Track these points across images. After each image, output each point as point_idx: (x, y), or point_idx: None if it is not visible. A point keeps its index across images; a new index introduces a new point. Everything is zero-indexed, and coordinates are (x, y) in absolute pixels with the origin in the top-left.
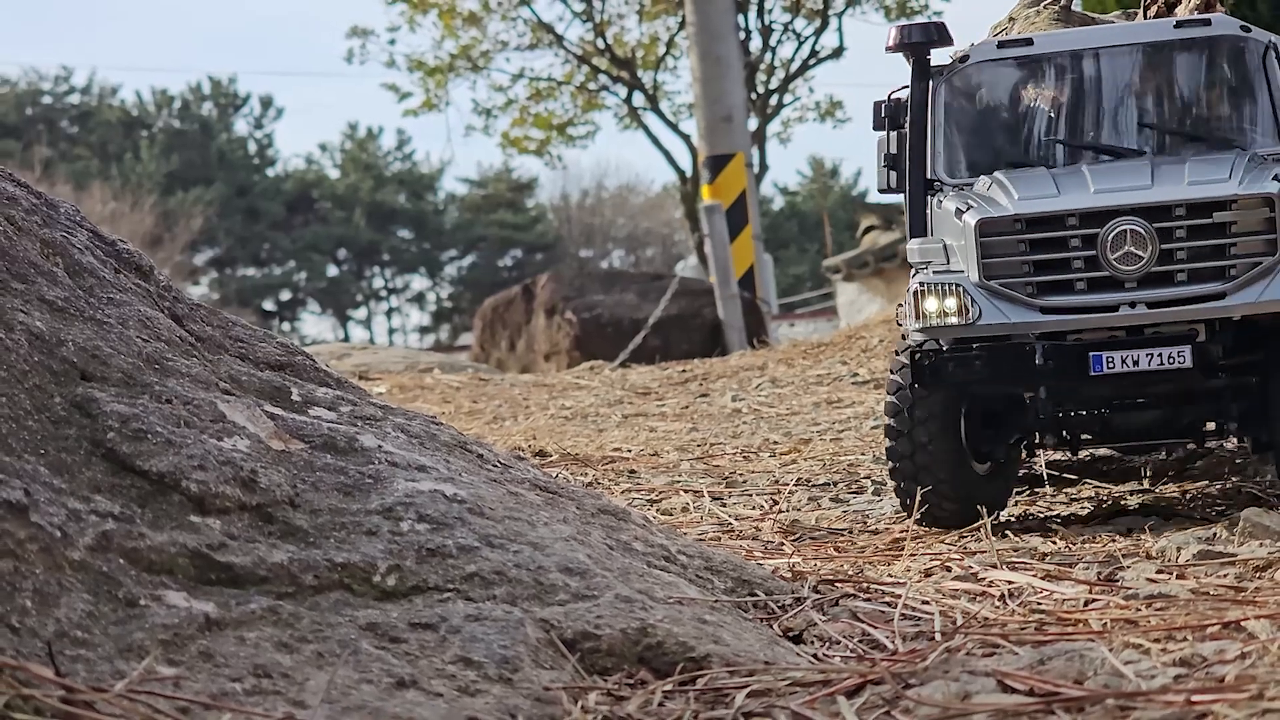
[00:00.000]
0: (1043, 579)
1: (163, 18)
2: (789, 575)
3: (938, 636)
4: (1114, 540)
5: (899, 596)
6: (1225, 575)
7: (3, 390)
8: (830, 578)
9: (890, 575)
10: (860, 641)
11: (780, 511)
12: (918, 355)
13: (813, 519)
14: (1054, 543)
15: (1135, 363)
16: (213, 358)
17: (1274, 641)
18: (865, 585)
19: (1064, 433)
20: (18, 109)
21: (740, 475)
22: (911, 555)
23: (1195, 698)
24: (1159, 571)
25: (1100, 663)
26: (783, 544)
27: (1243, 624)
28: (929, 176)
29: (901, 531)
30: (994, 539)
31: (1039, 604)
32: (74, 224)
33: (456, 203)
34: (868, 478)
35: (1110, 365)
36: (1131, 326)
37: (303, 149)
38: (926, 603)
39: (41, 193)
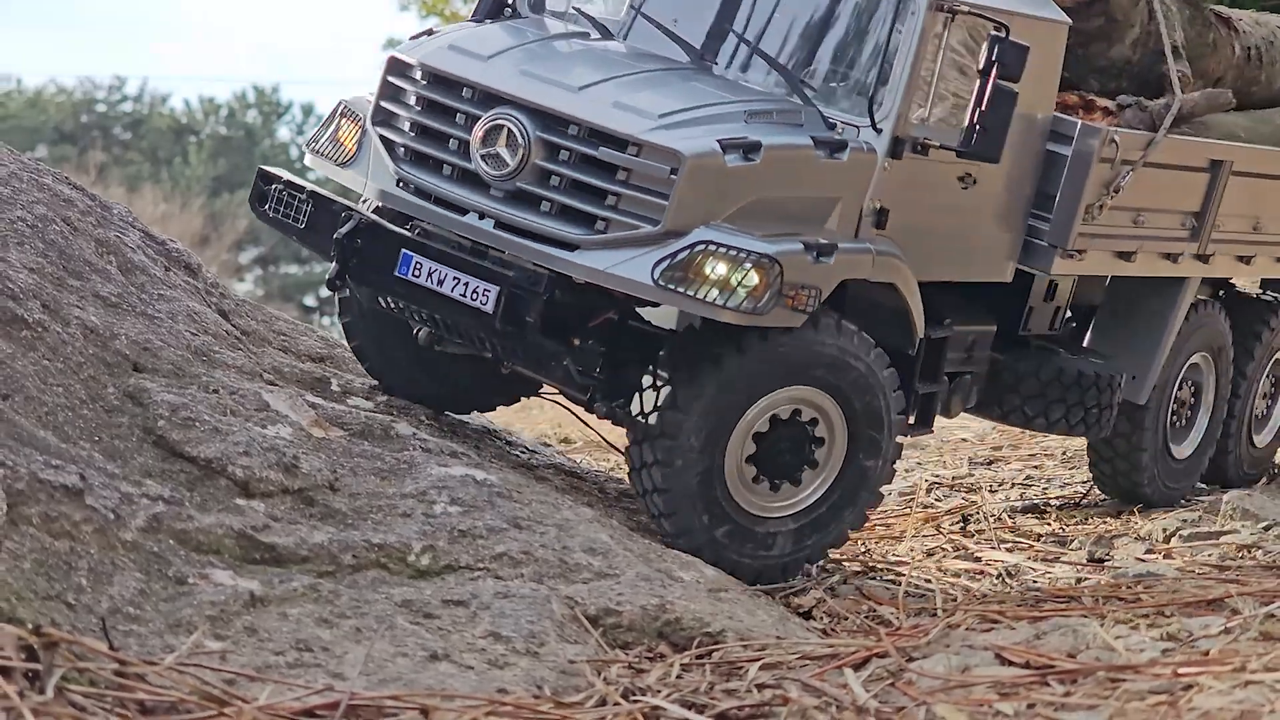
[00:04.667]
0: (1038, 559)
1: (211, 33)
2: None
3: (939, 613)
4: (1104, 522)
5: (903, 575)
6: (1210, 555)
7: (59, 381)
8: (838, 557)
9: (894, 555)
10: (866, 617)
11: None
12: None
13: None
14: (1048, 524)
15: (440, 282)
16: (257, 350)
17: (1256, 617)
18: (871, 564)
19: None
20: (74, 116)
21: None
22: (914, 535)
23: (1182, 670)
24: (1147, 552)
25: (1092, 637)
26: None
27: (1226, 600)
28: None
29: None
30: (991, 522)
31: (1034, 582)
32: (126, 224)
33: None
34: None
35: (416, 273)
36: (474, 243)
37: None
38: (928, 581)
39: (96, 195)
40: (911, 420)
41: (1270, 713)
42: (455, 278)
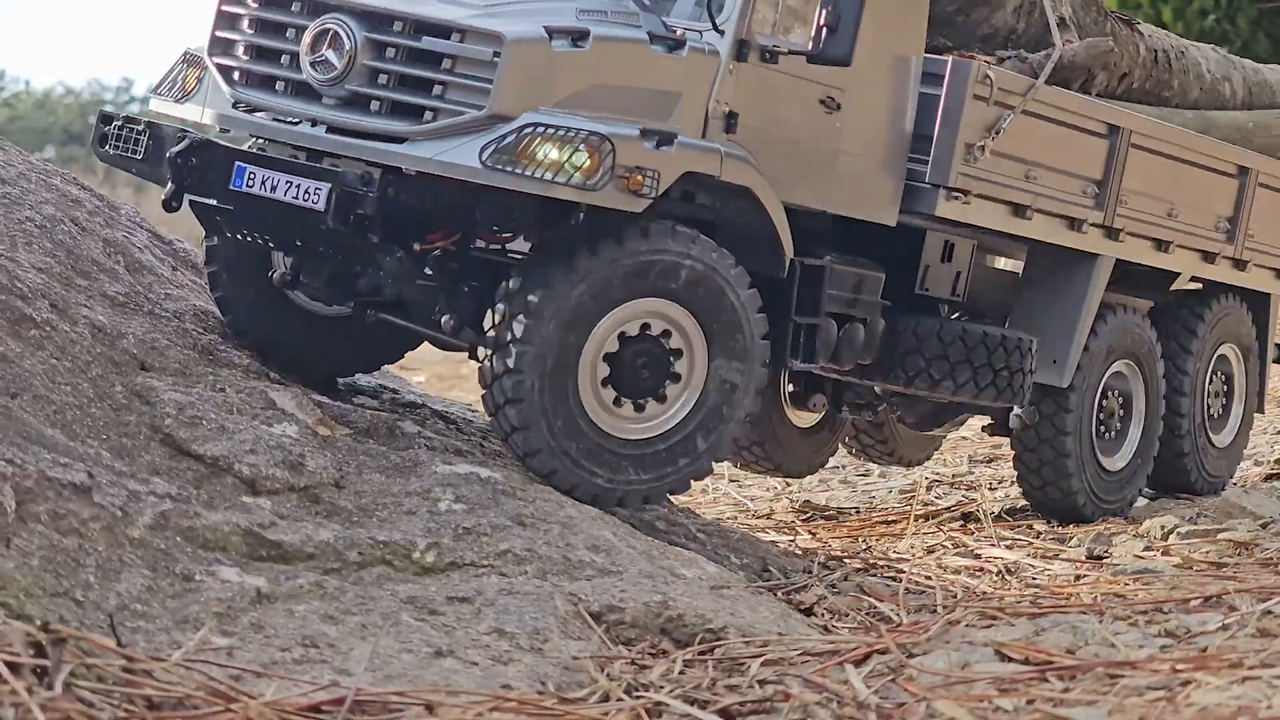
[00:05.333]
0: (1037, 557)
1: None
2: (800, 553)
3: (939, 610)
4: (1103, 520)
5: (903, 572)
6: (1208, 552)
7: (67, 380)
8: (839, 554)
9: (895, 553)
10: (867, 614)
11: (792, 493)
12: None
13: (823, 500)
14: (1047, 522)
15: (273, 188)
16: None
17: (1254, 614)
18: (871, 562)
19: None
20: (82, 117)
21: None
22: (915, 533)
23: (1180, 666)
24: (1146, 549)
25: (1091, 634)
26: (795, 523)
27: (1224, 597)
28: None
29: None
30: (991, 519)
31: (1034, 579)
32: (134, 224)
33: None
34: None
35: (250, 183)
36: (309, 151)
37: None
38: (929, 578)
39: (104, 196)
40: (793, 355)
41: (1267, 708)
42: (288, 182)
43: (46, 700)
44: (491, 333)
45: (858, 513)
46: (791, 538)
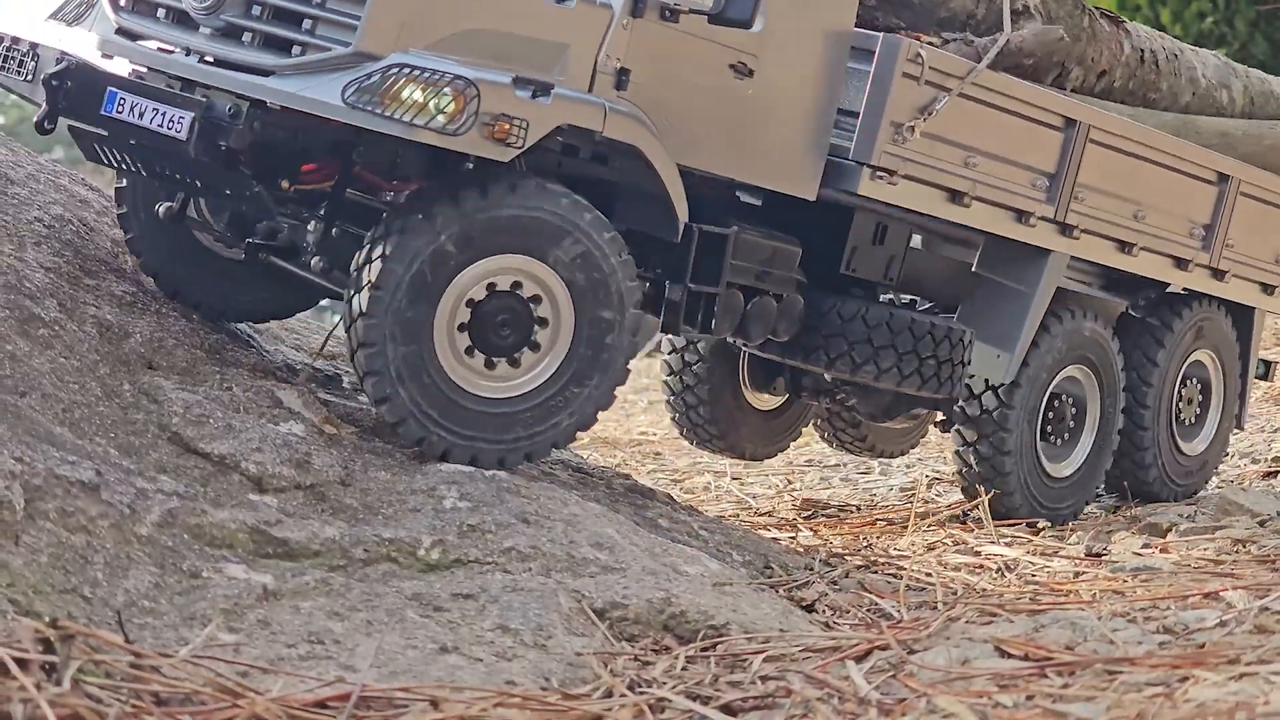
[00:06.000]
0: (1036, 554)
1: None
2: (802, 550)
3: (940, 606)
4: (1102, 518)
5: (904, 569)
6: (1205, 549)
7: (75, 378)
8: (840, 552)
9: (895, 550)
10: (868, 611)
11: (794, 490)
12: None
13: (825, 497)
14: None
15: (141, 114)
16: (270, 348)
17: (1251, 611)
18: (872, 559)
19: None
20: None
21: None
22: (915, 531)
23: (1178, 663)
24: (1144, 546)
25: (1090, 630)
26: (797, 520)
27: (1221, 594)
28: None
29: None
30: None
31: (1033, 576)
32: None
33: None
34: (875, 459)
35: (120, 108)
36: (183, 80)
37: None
38: (929, 575)
39: (112, 196)
40: (688, 323)
41: (1265, 704)
42: (155, 109)
43: (55, 696)
44: (355, 272)
45: (859, 510)
46: (793, 535)
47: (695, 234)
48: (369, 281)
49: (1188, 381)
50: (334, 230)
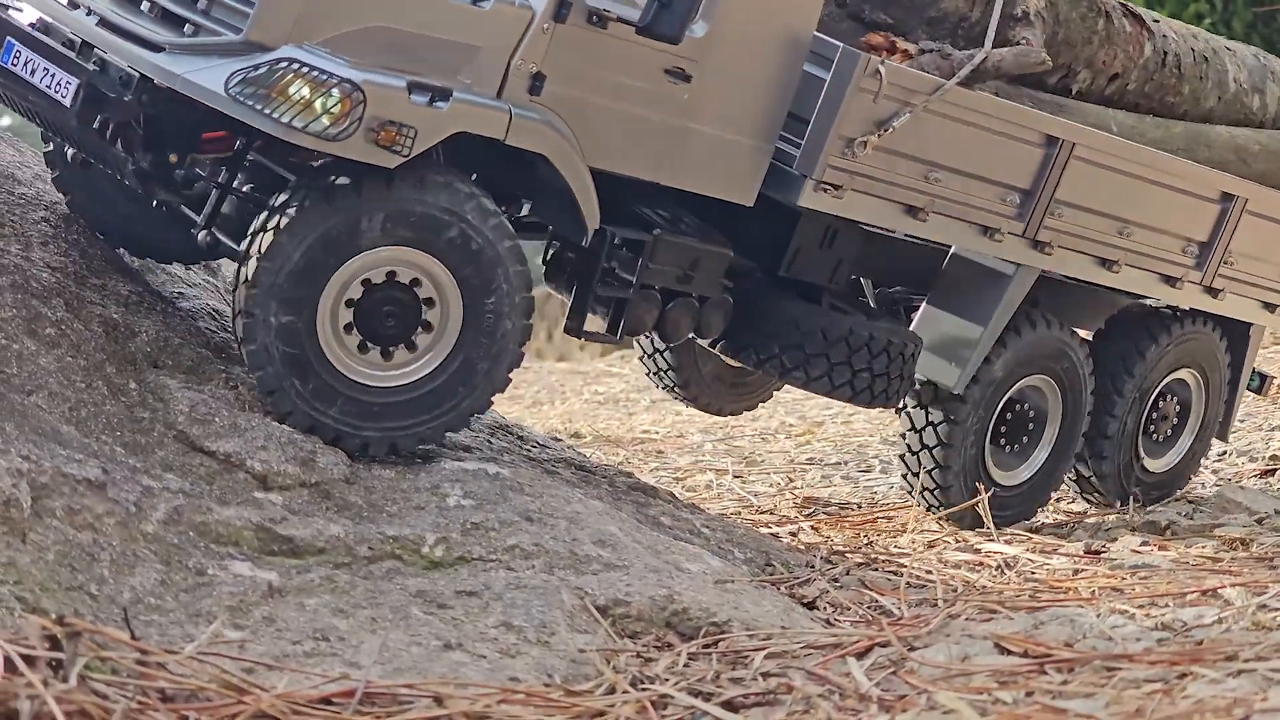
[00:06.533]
0: (1036, 551)
1: None
2: (803, 547)
3: (940, 603)
4: (1101, 516)
5: (904, 567)
6: (1204, 547)
7: (83, 378)
8: (841, 549)
9: (896, 547)
10: (869, 608)
11: (795, 488)
12: None
13: (825, 495)
14: (1046, 517)
15: (33, 71)
16: None
17: (1248, 608)
18: (873, 556)
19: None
20: None
21: (759, 455)
22: (916, 530)
23: (1176, 659)
24: (1143, 544)
25: (1089, 627)
26: (798, 518)
27: (1220, 591)
28: None
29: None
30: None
31: (1032, 574)
32: None
33: None
34: (875, 457)
35: (15, 61)
36: (83, 41)
37: None
38: (929, 572)
39: None
40: (599, 323)
41: (1262, 700)
42: (45, 68)
43: (62, 692)
44: (248, 240)
45: (859, 508)
46: (794, 532)
47: (608, 238)
48: (258, 253)
49: (1166, 398)
50: (226, 206)
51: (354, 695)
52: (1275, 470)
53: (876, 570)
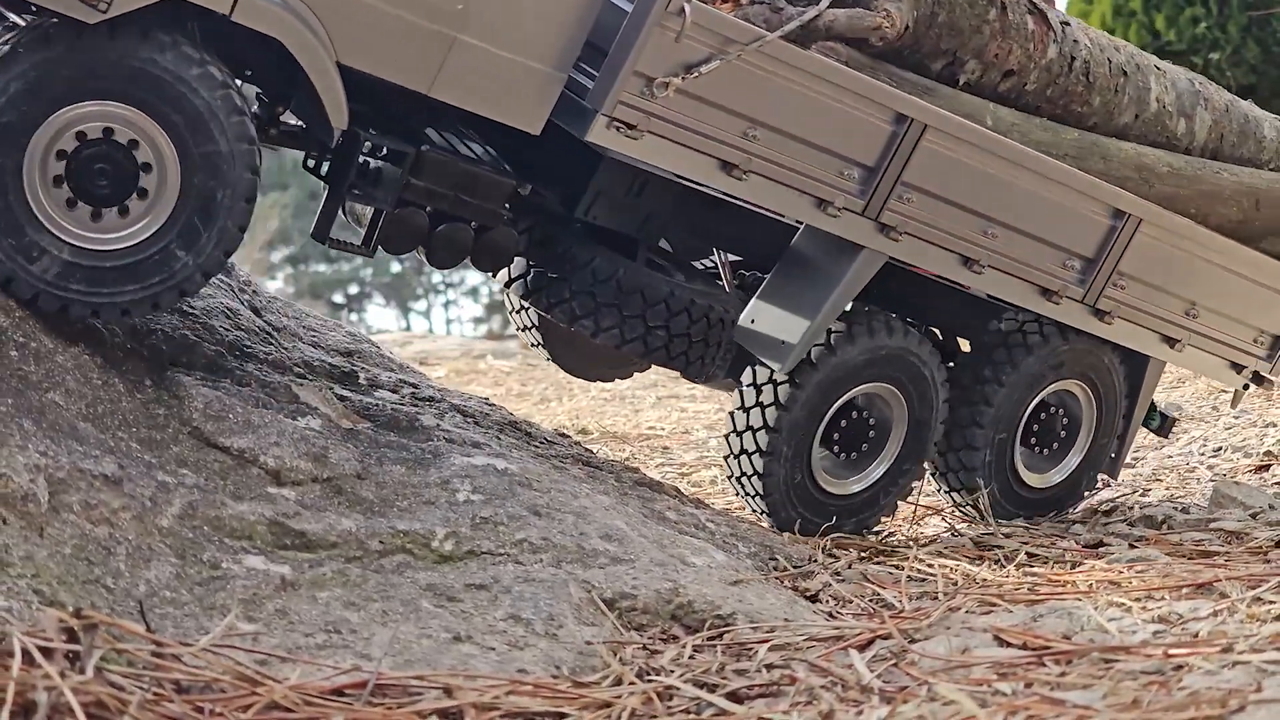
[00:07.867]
0: (1035, 546)
1: None
2: (806, 542)
3: (940, 597)
4: (1100, 513)
5: (906, 561)
6: (1199, 541)
7: (100, 376)
8: (844, 544)
9: (897, 541)
10: (871, 601)
11: None
12: None
13: None
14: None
15: None
16: (287, 345)
17: (1244, 600)
18: (875, 550)
19: None
20: None
21: None
22: (916, 523)
23: (1172, 651)
24: (1139, 538)
25: (1087, 620)
26: None
27: (1215, 585)
28: None
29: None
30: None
31: (1031, 568)
32: None
33: None
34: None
35: None
36: None
37: None
38: (930, 566)
39: None
40: (362, 237)
41: (1257, 691)
42: None
43: (78, 684)
44: None
45: None
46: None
47: (360, 141)
48: None
49: (1049, 409)
50: None
51: (365, 687)
52: (1270, 466)
53: (878, 564)
